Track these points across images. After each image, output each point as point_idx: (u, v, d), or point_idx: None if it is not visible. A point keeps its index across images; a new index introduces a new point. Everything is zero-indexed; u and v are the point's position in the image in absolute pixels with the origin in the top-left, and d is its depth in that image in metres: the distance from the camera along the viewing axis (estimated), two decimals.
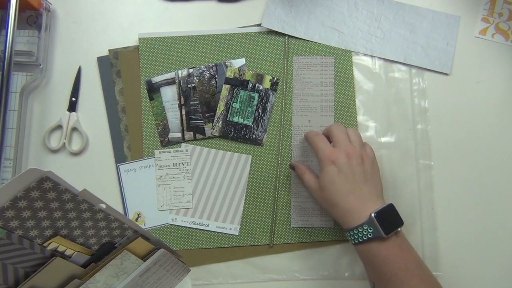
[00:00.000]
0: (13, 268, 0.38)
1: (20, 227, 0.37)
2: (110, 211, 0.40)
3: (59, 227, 0.39)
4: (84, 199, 0.38)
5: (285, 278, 0.61)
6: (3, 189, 0.33)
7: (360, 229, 0.49)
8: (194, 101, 0.63)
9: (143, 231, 0.44)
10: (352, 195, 0.51)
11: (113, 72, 0.64)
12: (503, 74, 0.64)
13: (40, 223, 0.37)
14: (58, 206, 0.37)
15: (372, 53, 0.64)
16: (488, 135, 0.63)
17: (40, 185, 0.35)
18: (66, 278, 0.41)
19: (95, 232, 0.41)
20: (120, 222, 0.42)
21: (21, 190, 0.34)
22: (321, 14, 0.65)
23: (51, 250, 0.39)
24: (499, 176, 0.62)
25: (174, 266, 0.48)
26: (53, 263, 0.39)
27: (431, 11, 0.65)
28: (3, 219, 0.35)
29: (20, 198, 0.35)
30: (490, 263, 0.61)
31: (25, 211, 0.36)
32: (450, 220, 0.62)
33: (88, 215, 0.40)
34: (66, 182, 0.36)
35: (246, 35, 0.65)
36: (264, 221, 0.62)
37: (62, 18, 0.66)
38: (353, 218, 0.50)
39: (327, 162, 0.52)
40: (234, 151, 0.63)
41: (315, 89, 0.64)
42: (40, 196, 0.36)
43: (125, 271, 0.44)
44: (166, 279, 0.49)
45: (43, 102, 0.64)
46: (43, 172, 0.34)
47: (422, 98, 0.64)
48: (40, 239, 0.38)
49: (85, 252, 0.42)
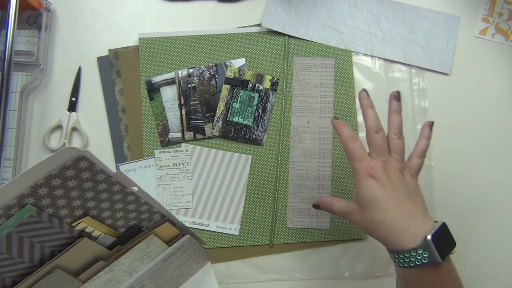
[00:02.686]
0: (40, 246, 0.38)
1: (51, 205, 0.36)
2: (141, 194, 0.40)
3: (90, 207, 0.38)
4: (117, 181, 0.38)
5: (285, 278, 0.61)
6: (38, 166, 0.33)
7: (413, 253, 0.42)
8: (194, 101, 0.63)
9: (170, 216, 0.43)
10: (399, 211, 0.44)
11: (113, 72, 0.64)
12: (503, 74, 0.64)
13: (71, 203, 0.37)
14: (91, 187, 0.37)
15: (372, 53, 0.64)
16: (488, 135, 0.63)
17: (75, 164, 0.34)
18: (91, 259, 0.41)
19: (124, 214, 0.41)
20: (149, 206, 0.41)
21: (56, 168, 0.34)
22: (321, 14, 0.65)
23: (79, 230, 0.39)
24: (499, 175, 0.62)
25: (197, 252, 0.48)
26: (80, 243, 0.39)
27: (431, 11, 0.65)
28: (35, 196, 0.35)
29: (54, 176, 0.34)
30: (490, 263, 0.61)
31: (57, 190, 0.35)
32: (450, 220, 0.62)
33: (119, 197, 0.39)
34: (102, 163, 0.36)
35: (246, 35, 0.65)
36: (264, 221, 0.62)
37: (62, 18, 0.66)
38: (403, 238, 0.43)
39: (364, 174, 0.45)
40: (234, 151, 0.63)
41: (315, 90, 0.64)
42: (74, 175, 0.35)
43: (150, 255, 0.44)
44: (188, 265, 0.48)
45: (43, 102, 0.64)
46: (80, 151, 0.34)
47: (422, 98, 0.64)
48: (69, 218, 0.38)
49: (111, 234, 0.41)
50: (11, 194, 0.33)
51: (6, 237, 0.35)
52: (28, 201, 0.34)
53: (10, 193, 0.33)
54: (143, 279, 0.44)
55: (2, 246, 0.36)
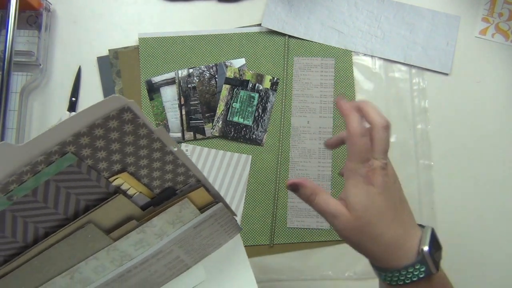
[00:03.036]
0: (75, 199, 0.37)
1: (91, 156, 0.35)
2: (180, 155, 0.38)
3: (128, 163, 0.37)
4: (158, 137, 0.36)
5: (285, 278, 0.61)
6: (83, 113, 0.32)
7: (410, 269, 0.38)
8: (194, 101, 0.63)
9: (206, 182, 0.42)
10: (396, 223, 0.39)
11: (113, 72, 0.64)
12: (503, 74, 0.64)
13: (110, 156, 0.35)
14: (132, 141, 0.35)
15: (372, 53, 0.64)
16: (488, 135, 0.63)
17: (120, 115, 0.33)
18: (124, 217, 0.40)
19: (160, 174, 0.39)
20: (186, 169, 0.40)
21: (100, 117, 0.32)
22: (321, 14, 0.65)
23: (115, 186, 0.38)
24: (499, 176, 0.62)
25: (229, 223, 0.46)
26: (115, 199, 0.38)
27: (431, 11, 0.65)
28: (77, 145, 0.33)
29: (98, 125, 0.33)
30: (490, 263, 0.61)
31: (99, 140, 0.34)
32: (450, 220, 0.62)
33: (158, 155, 0.37)
34: (145, 116, 0.34)
35: (246, 35, 0.65)
36: (264, 221, 0.62)
37: (62, 18, 0.66)
38: (399, 253, 0.38)
39: (365, 179, 0.39)
40: (234, 151, 0.63)
41: (315, 90, 0.64)
42: (117, 126, 0.34)
43: (181, 220, 0.42)
44: (218, 234, 0.47)
45: (43, 102, 0.64)
46: (126, 101, 0.33)
47: (422, 98, 0.64)
48: (107, 172, 0.36)
49: (146, 194, 0.40)
50: (54, 140, 0.32)
51: (44, 185, 0.34)
52: (70, 150, 0.33)
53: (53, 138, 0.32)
54: (172, 243, 0.43)
55: (39, 194, 0.35)
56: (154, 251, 0.43)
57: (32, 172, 0.33)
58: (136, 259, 0.42)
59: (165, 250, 0.43)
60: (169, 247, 0.43)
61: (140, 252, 0.42)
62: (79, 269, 0.40)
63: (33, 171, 0.33)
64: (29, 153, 0.32)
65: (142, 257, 0.42)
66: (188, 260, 0.47)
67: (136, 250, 0.42)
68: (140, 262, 0.42)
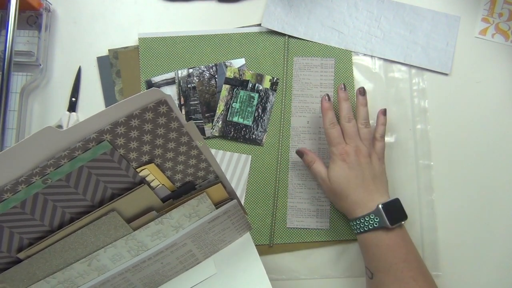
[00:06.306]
0: (103, 186, 0.38)
1: (124, 146, 0.36)
2: (204, 150, 0.40)
3: (156, 155, 0.38)
4: (187, 132, 0.38)
5: (285, 278, 0.61)
6: (122, 104, 0.33)
7: (366, 218, 0.52)
8: (194, 101, 0.63)
9: (223, 178, 0.43)
10: (361, 189, 0.54)
11: (113, 72, 0.64)
12: (503, 74, 0.64)
13: (141, 147, 0.37)
14: (163, 133, 0.37)
15: (372, 53, 0.64)
16: (488, 135, 0.63)
17: (156, 108, 0.34)
18: (144, 208, 0.41)
19: (183, 168, 0.40)
20: (207, 164, 0.41)
21: (138, 108, 0.34)
22: (321, 14, 0.65)
23: (141, 177, 0.39)
24: (499, 176, 0.62)
25: (240, 220, 0.48)
26: (140, 189, 0.39)
27: (431, 11, 0.65)
28: (113, 134, 0.34)
29: (135, 116, 0.34)
30: (490, 263, 0.61)
31: (133, 131, 0.35)
32: (450, 220, 0.62)
33: (184, 149, 0.39)
34: (179, 110, 0.36)
35: (246, 35, 0.65)
36: (264, 221, 0.62)
37: (62, 18, 0.66)
38: (360, 209, 0.53)
39: (339, 157, 0.55)
40: (234, 151, 0.63)
41: (315, 90, 0.64)
42: (152, 118, 0.35)
43: (198, 214, 0.44)
44: (229, 231, 0.48)
45: (43, 102, 0.64)
46: (164, 95, 0.34)
47: (422, 98, 0.64)
48: (136, 163, 0.38)
49: (168, 187, 0.41)
50: (93, 127, 0.33)
51: (77, 171, 0.35)
52: (106, 138, 0.34)
53: (93, 126, 0.33)
54: (187, 237, 0.45)
55: (72, 179, 0.36)
56: (169, 243, 0.44)
57: (69, 157, 0.34)
58: (151, 249, 0.44)
59: (179, 243, 0.45)
60: (183, 240, 0.45)
61: (156, 243, 0.44)
62: (97, 256, 0.41)
63: (70, 156, 0.34)
64: (70, 138, 0.33)
65: (157, 248, 0.44)
66: (199, 255, 0.48)
67: (153, 241, 0.43)
68: (154, 253, 0.44)
